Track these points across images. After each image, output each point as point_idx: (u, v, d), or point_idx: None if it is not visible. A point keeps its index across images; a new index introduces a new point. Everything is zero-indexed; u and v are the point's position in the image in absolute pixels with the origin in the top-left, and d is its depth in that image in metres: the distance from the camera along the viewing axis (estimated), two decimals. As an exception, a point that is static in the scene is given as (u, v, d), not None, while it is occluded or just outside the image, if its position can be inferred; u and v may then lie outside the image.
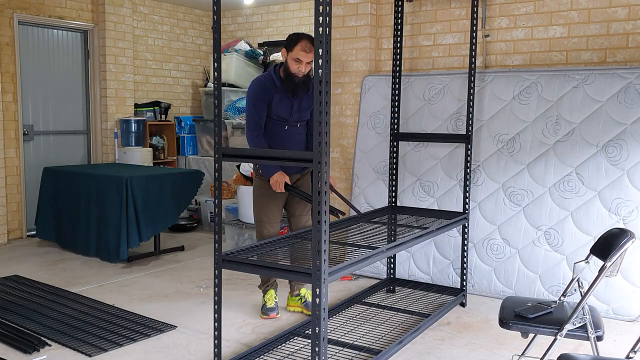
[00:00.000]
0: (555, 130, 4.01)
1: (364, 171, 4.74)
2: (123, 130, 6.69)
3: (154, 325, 3.63)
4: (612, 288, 3.70)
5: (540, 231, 3.99)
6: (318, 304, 2.24)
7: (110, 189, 5.02)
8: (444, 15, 4.64)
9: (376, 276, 4.59)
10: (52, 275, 4.75)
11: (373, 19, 4.85)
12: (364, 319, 3.67)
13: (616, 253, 2.37)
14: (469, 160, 3.98)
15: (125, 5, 6.78)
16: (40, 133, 6.35)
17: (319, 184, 2.20)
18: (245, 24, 7.91)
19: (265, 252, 2.83)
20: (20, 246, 5.79)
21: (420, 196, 4.48)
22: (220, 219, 2.63)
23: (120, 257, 4.98)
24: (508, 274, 4.09)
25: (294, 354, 3.11)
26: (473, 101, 3.99)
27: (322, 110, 2.15)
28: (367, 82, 4.80)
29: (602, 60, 4.06)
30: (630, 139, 3.76)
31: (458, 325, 3.67)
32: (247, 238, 5.41)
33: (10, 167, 5.95)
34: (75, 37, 6.63)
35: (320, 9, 2.11)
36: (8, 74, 5.90)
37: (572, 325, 2.40)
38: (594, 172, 3.85)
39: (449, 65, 4.65)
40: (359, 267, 2.61)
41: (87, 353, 3.20)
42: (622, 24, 3.99)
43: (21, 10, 6.03)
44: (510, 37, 4.39)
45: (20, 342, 3.29)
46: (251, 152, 2.60)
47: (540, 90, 4.09)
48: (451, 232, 4.24)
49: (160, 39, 7.52)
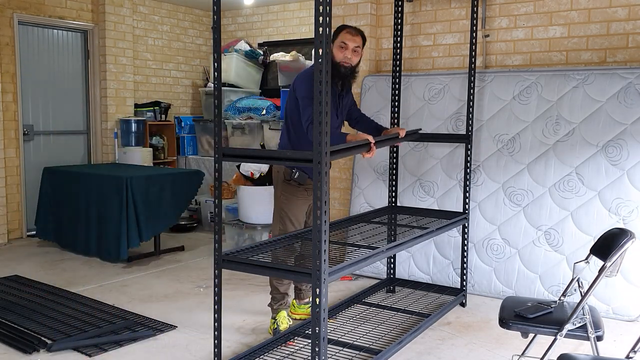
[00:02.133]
0: (555, 130, 4.01)
1: (364, 171, 4.74)
2: (123, 130, 6.69)
3: (154, 325, 3.64)
4: (612, 288, 3.70)
5: (540, 231, 3.99)
6: (318, 304, 2.24)
7: (111, 189, 5.02)
8: (444, 15, 4.64)
9: (376, 276, 4.59)
10: (52, 275, 4.75)
11: (373, 19, 4.85)
12: (364, 319, 3.66)
13: (616, 253, 2.37)
14: (469, 160, 3.98)
15: (125, 5, 6.78)
16: (40, 133, 6.35)
17: (319, 185, 2.20)
18: (245, 24, 7.91)
19: (265, 253, 2.83)
20: (20, 246, 5.79)
21: (420, 196, 4.48)
22: (220, 219, 2.63)
23: (120, 257, 4.98)
24: (508, 274, 4.09)
25: (294, 354, 3.11)
26: (473, 101, 3.99)
27: (322, 110, 2.15)
28: (367, 82, 4.80)
29: (602, 60, 4.06)
30: (630, 139, 3.76)
31: (458, 325, 3.67)
32: (247, 238, 5.41)
33: (10, 167, 5.95)
34: (76, 37, 6.63)
35: (320, 9, 2.11)
36: (8, 74, 5.90)
37: (572, 325, 2.40)
38: (594, 172, 3.85)
39: (449, 65, 4.65)
40: (359, 267, 2.61)
41: (87, 353, 3.20)
42: (622, 24, 3.99)
43: (21, 10, 6.03)
44: (510, 37, 4.39)
45: (20, 342, 3.30)
46: (251, 152, 2.60)
47: (540, 90, 4.09)
48: (451, 232, 4.24)
49: (160, 39, 7.52)
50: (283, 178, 3.44)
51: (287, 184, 3.44)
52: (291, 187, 3.44)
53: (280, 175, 3.47)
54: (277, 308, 3.53)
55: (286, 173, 3.42)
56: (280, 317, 3.48)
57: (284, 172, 3.44)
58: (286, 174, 3.42)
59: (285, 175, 3.43)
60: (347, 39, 3.20)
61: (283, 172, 3.44)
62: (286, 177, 3.43)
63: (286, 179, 3.43)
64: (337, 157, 2.70)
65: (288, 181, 3.43)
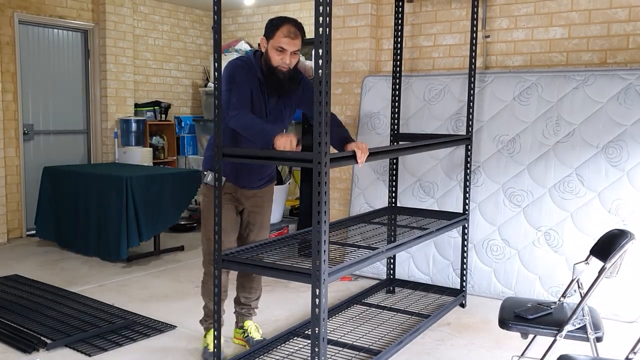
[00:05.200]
0: (555, 131, 4.01)
1: (364, 172, 4.73)
2: (123, 130, 6.69)
3: (154, 325, 3.63)
4: (612, 289, 3.70)
5: (540, 232, 3.99)
6: (318, 304, 2.24)
7: (110, 188, 5.02)
8: (445, 16, 4.64)
9: (376, 277, 4.58)
10: (51, 274, 4.75)
11: (373, 20, 4.85)
12: (364, 319, 3.66)
13: (616, 254, 2.37)
14: (469, 161, 3.98)
15: (125, 5, 6.78)
16: (40, 132, 6.35)
17: (319, 185, 2.20)
18: (245, 24, 7.91)
19: (265, 253, 2.83)
20: (20, 245, 5.79)
21: (420, 197, 4.48)
22: (220, 219, 2.63)
23: (120, 257, 4.98)
24: (508, 275, 4.09)
25: (294, 354, 3.11)
26: (473, 102, 3.99)
27: (322, 111, 2.15)
28: (367, 83, 4.80)
29: (603, 61, 4.06)
30: (630, 140, 3.76)
31: (458, 326, 3.67)
32: (247, 238, 5.40)
33: (10, 167, 5.95)
34: (76, 37, 6.63)
35: (320, 9, 2.11)
36: (8, 73, 5.90)
37: (571, 326, 2.40)
38: (594, 173, 3.85)
39: (449, 65, 4.65)
40: (359, 268, 2.61)
41: (86, 353, 3.20)
42: (623, 25, 3.99)
43: (22, 10, 6.03)
44: (510, 38, 4.39)
45: (20, 342, 3.29)
46: (251, 153, 2.60)
47: (540, 91, 4.09)
48: (451, 233, 4.24)
49: (160, 39, 7.52)
50: (206, 181, 3.03)
51: (208, 188, 3.01)
52: (211, 192, 2.92)
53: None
54: (207, 327, 3.19)
55: (205, 177, 3.01)
56: (209, 336, 3.10)
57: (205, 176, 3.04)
58: (205, 176, 3.01)
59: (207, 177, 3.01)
60: (284, 44, 2.77)
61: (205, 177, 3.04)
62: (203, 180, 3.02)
63: (203, 181, 3.03)
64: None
65: (206, 184, 3.02)
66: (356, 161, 2.57)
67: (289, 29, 2.79)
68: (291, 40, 2.78)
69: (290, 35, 2.78)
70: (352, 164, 2.58)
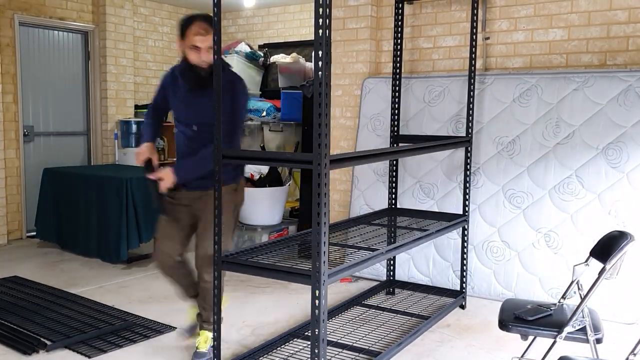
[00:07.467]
0: (555, 132, 4.01)
1: (364, 173, 4.74)
2: (123, 131, 6.70)
3: (154, 326, 3.63)
4: (612, 291, 3.70)
5: (540, 234, 3.99)
6: (318, 305, 2.24)
7: (111, 190, 5.02)
8: (444, 18, 4.65)
9: (376, 278, 4.58)
10: (52, 276, 4.75)
11: (373, 21, 4.86)
12: (364, 320, 3.66)
13: (616, 255, 2.37)
14: (468, 162, 3.98)
15: (125, 6, 6.79)
16: (40, 134, 6.35)
17: (318, 186, 2.21)
18: (245, 25, 7.92)
19: (265, 254, 2.83)
20: (20, 247, 5.79)
21: (420, 198, 4.48)
22: (220, 220, 2.63)
23: (120, 258, 4.98)
24: (508, 277, 4.09)
25: (294, 355, 3.11)
26: (473, 103, 3.99)
27: (321, 112, 2.16)
28: (367, 84, 4.80)
29: (602, 63, 4.07)
30: (630, 141, 3.76)
31: (457, 327, 3.67)
32: (247, 239, 5.41)
33: (10, 168, 5.95)
34: (76, 39, 6.64)
35: (320, 11, 2.11)
36: (8, 75, 5.90)
37: (571, 328, 2.40)
38: (594, 174, 3.85)
39: (449, 67, 4.65)
40: (359, 269, 2.61)
41: (86, 354, 3.20)
42: (622, 27, 4.00)
43: (22, 11, 6.04)
44: (510, 40, 4.40)
45: (20, 343, 3.29)
46: (251, 154, 2.60)
47: (540, 93, 4.09)
48: (451, 235, 4.24)
49: (160, 41, 7.53)
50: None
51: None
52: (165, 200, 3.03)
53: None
54: (206, 328, 3.15)
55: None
56: (203, 337, 3.13)
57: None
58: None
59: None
60: (197, 42, 2.83)
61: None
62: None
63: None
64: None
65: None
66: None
67: (199, 26, 2.84)
68: (203, 37, 2.83)
69: (201, 32, 2.83)
70: (352, 165, 2.60)
